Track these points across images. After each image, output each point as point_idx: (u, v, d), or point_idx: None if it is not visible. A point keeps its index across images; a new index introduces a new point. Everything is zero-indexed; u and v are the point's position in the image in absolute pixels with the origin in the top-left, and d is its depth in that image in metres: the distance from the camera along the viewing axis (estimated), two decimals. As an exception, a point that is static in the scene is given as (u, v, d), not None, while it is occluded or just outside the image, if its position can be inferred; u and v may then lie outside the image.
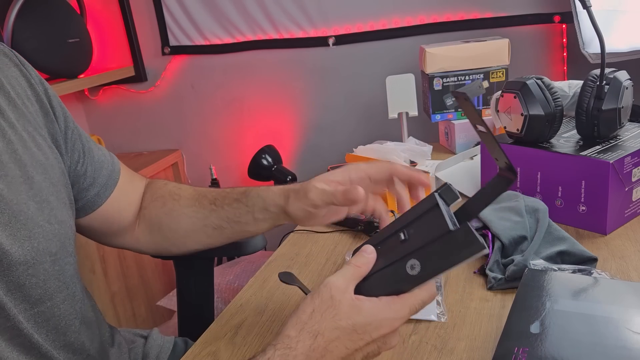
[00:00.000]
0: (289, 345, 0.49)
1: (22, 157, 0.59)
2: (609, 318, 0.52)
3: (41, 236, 0.58)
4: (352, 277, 0.53)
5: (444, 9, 1.61)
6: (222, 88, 1.88)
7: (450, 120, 1.38)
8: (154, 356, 0.82)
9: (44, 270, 0.58)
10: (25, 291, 0.56)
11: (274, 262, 0.91)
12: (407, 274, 0.51)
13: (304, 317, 0.50)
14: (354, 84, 1.75)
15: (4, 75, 0.62)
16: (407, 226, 0.54)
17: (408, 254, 0.51)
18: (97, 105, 2.03)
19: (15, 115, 0.61)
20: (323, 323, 0.50)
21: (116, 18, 1.86)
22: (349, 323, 0.50)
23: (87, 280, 1.54)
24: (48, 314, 0.59)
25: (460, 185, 1.10)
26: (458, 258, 0.48)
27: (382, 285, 0.53)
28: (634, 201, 0.88)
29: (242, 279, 1.51)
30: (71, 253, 0.64)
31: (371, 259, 0.55)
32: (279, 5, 1.71)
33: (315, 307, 0.50)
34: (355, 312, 0.50)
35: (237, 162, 1.94)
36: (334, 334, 0.50)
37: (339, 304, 0.50)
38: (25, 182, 0.58)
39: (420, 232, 0.52)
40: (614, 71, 0.90)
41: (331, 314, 0.50)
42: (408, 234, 0.53)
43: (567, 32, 1.54)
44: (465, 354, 0.62)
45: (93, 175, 0.72)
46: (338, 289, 0.51)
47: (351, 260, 0.55)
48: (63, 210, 0.63)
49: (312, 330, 0.49)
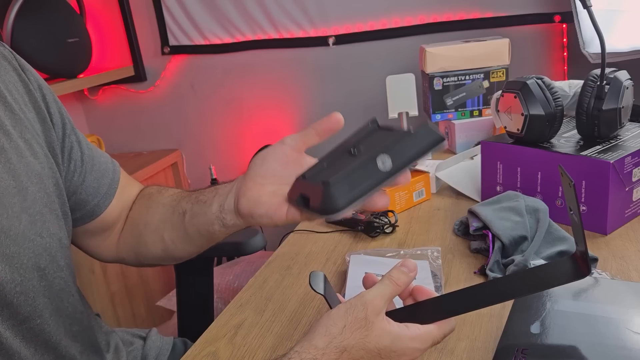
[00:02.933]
0: (314, 357, 0.49)
1: (16, 167, 0.57)
2: (609, 318, 0.52)
3: (31, 251, 0.56)
4: (390, 297, 0.52)
5: (444, 9, 1.61)
6: (222, 88, 1.88)
7: (450, 120, 1.38)
8: (152, 358, 0.82)
9: (32, 287, 0.56)
10: (13, 309, 0.54)
11: (274, 262, 0.91)
12: (379, 171, 0.51)
13: (334, 330, 0.50)
14: (354, 84, 1.75)
15: (1, 79, 0.61)
16: (355, 144, 0.54)
17: (377, 151, 0.51)
18: (97, 105, 2.02)
19: (11, 122, 0.59)
20: (352, 341, 0.49)
21: (116, 18, 1.86)
22: (376, 346, 0.50)
23: (87, 280, 1.54)
24: (37, 330, 0.57)
25: (461, 185, 1.10)
26: (421, 148, 0.51)
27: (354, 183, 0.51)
28: (634, 201, 0.88)
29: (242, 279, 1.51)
30: (62, 267, 0.62)
31: (412, 277, 0.54)
32: (279, 5, 1.71)
33: (348, 324, 0.50)
34: (383, 336, 0.50)
35: (237, 162, 1.94)
36: (359, 354, 0.50)
37: (371, 326, 0.50)
38: (19, 193, 0.56)
39: (373, 144, 0.53)
40: (614, 71, 0.90)
41: (362, 334, 0.50)
42: (359, 149, 0.53)
43: (568, 32, 1.54)
44: (466, 354, 0.62)
45: (93, 185, 0.71)
46: (374, 311, 0.50)
47: (392, 275, 0.53)
48: (55, 222, 0.61)
49: (340, 346, 0.49)
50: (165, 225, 0.70)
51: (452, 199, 1.08)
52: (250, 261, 1.58)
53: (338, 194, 0.50)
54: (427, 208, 1.06)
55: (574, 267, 0.47)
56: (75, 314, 0.65)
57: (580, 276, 0.47)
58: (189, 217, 0.66)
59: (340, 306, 0.51)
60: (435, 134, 0.51)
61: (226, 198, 0.62)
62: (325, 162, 0.56)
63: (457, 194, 1.09)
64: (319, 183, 0.51)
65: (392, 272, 0.54)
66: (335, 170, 0.52)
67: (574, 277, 0.47)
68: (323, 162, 0.56)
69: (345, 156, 0.54)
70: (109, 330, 0.78)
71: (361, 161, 0.51)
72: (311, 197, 0.54)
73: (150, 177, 1.83)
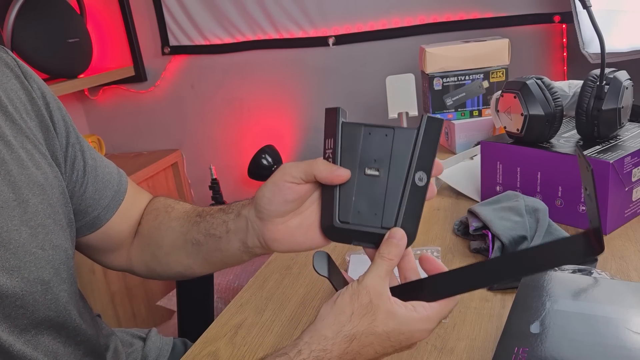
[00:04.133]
0: (324, 348, 0.48)
1: (16, 179, 0.56)
2: (609, 318, 0.52)
3: (32, 265, 0.55)
4: (387, 274, 0.51)
5: (444, 9, 1.61)
6: (222, 88, 1.88)
7: (450, 120, 1.38)
8: (152, 359, 0.82)
9: (34, 300, 0.56)
10: (11, 322, 0.54)
11: (274, 262, 0.91)
12: (419, 187, 0.51)
13: (343, 318, 0.49)
14: (354, 84, 1.75)
15: (2, 88, 0.59)
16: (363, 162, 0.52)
17: (407, 175, 0.50)
18: (97, 105, 2.03)
19: (12, 132, 0.58)
20: (360, 328, 0.49)
21: (116, 18, 1.86)
22: (384, 330, 0.49)
23: (87, 280, 1.54)
24: (34, 342, 0.57)
25: (460, 185, 1.10)
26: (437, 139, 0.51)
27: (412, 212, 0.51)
28: (634, 201, 0.88)
29: (242, 279, 1.51)
30: (65, 279, 0.60)
31: (402, 245, 0.52)
32: (279, 5, 1.71)
33: (355, 311, 0.49)
34: (391, 318, 0.49)
35: (237, 162, 1.94)
36: (369, 340, 0.49)
37: (377, 309, 0.49)
38: (19, 206, 0.55)
39: (386, 156, 0.51)
40: (614, 71, 0.90)
41: (369, 319, 0.49)
42: (375, 167, 0.51)
43: (567, 32, 1.54)
44: (465, 354, 0.62)
45: (94, 197, 0.68)
46: (377, 293, 0.50)
47: (381, 252, 0.51)
48: (60, 233, 0.60)
49: (349, 334, 0.49)
50: (179, 252, 0.68)
51: (452, 199, 1.08)
52: (251, 261, 1.58)
53: (410, 230, 0.51)
54: (427, 208, 1.05)
55: (587, 244, 0.46)
56: (81, 325, 0.64)
57: (593, 253, 0.46)
58: (207, 250, 0.64)
59: (344, 293, 0.50)
60: (438, 121, 0.51)
61: (246, 236, 0.59)
62: (352, 195, 0.52)
63: (456, 193, 1.09)
64: (380, 231, 0.51)
65: (381, 248, 0.52)
66: (378, 207, 0.51)
67: (587, 255, 0.46)
68: (348, 196, 0.52)
69: (369, 181, 0.52)
70: (109, 332, 0.77)
71: (402, 187, 0.51)
72: (377, 242, 0.52)
73: (150, 177, 1.83)
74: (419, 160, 0.50)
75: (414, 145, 0.50)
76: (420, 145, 0.50)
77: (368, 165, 0.51)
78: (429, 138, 0.51)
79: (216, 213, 0.64)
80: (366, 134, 0.52)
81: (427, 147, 0.51)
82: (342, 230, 0.53)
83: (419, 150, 0.50)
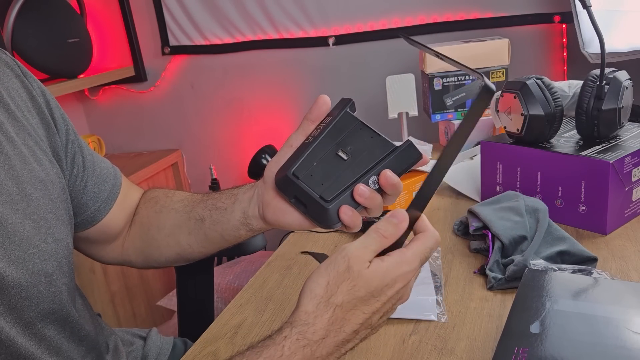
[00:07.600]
0: (306, 322, 0.48)
1: (19, 174, 0.58)
2: (609, 318, 0.52)
3: (36, 257, 0.56)
4: (376, 250, 0.49)
5: (444, 9, 1.61)
6: (222, 88, 1.88)
7: (450, 120, 1.38)
8: (152, 358, 0.82)
9: (38, 292, 0.56)
10: (17, 314, 0.55)
11: (274, 262, 0.91)
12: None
13: (319, 290, 0.48)
14: (354, 84, 1.75)
15: (4, 87, 0.61)
16: (341, 144, 0.57)
17: (366, 173, 0.55)
18: (97, 105, 2.03)
19: (14, 128, 0.60)
20: (340, 295, 0.48)
21: (116, 18, 1.86)
22: (367, 291, 0.48)
23: (87, 280, 1.54)
24: (38, 336, 0.58)
25: (460, 185, 1.10)
26: (406, 167, 0.56)
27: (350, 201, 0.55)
28: (634, 201, 0.88)
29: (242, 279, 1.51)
30: (67, 273, 0.62)
31: (401, 229, 0.50)
32: (279, 5, 1.71)
33: (330, 280, 0.48)
34: (371, 278, 0.48)
35: (237, 162, 1.94)
36: (352, 304, 0.48)
37: (357, 276, 0.48)
38: (22, 200, 0.57)
39: (361, 150, 0.56)
40: (614, 71, 0.90)
41: (348, 286, 0.48)
42: (348, 153, 0.56)
43: (567, 32, 1.54)
44: (465, 354, 0.62)
45: (94, 190, 0.71)
46: (357, 260, 0.48)
47: (379, 227, 0.50)
48: (61, 227, 0.62)
49: (330, 303, 0.48)
50: (180, 230, 0.71)
51: (452, 199, 1.08)
52: (251, 261, 1.58)
53: (334, 212, 0.55)
54: (427, 208, 1.05)
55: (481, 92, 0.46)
56: (81, 319, 0.65)
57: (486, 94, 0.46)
58: (210, 223, 0.67)
59: (321, 265, 0.50)
60: (417, 153, 0.55)
61: (249, 205, 0.63)
62: (315, 161, 0.56)
63: (456, 194, 1.09)
64: (316, 197, 0.55)
65: (380, 223, 0.50)
66: (328, 180, 0.55)
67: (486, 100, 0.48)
68: (312, 160, 0.56)
69: (335, 160, 0.56)
70: (110, 331, 0.77)
71: (355, 178, 0.55)
72: (308, 205, 0.55)
73: (150, 177, 1.83)
74: (381, 168, 0.55)
75: (385, 157, 0.55)
76: (390, 159, 0.55)
77: (343, 148, 0.57)
78: (400, 159, 0.55)
79: (225, 190, 0.68)
80: (357, 127, 0.57)
81: (394, 164, 0.55)
82: (290, 182, 0.56)
83: (386, 162, 0.55)
